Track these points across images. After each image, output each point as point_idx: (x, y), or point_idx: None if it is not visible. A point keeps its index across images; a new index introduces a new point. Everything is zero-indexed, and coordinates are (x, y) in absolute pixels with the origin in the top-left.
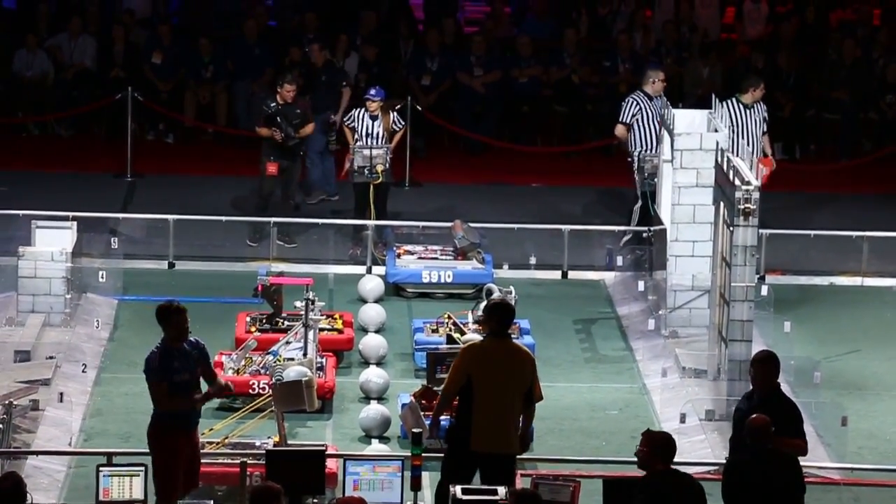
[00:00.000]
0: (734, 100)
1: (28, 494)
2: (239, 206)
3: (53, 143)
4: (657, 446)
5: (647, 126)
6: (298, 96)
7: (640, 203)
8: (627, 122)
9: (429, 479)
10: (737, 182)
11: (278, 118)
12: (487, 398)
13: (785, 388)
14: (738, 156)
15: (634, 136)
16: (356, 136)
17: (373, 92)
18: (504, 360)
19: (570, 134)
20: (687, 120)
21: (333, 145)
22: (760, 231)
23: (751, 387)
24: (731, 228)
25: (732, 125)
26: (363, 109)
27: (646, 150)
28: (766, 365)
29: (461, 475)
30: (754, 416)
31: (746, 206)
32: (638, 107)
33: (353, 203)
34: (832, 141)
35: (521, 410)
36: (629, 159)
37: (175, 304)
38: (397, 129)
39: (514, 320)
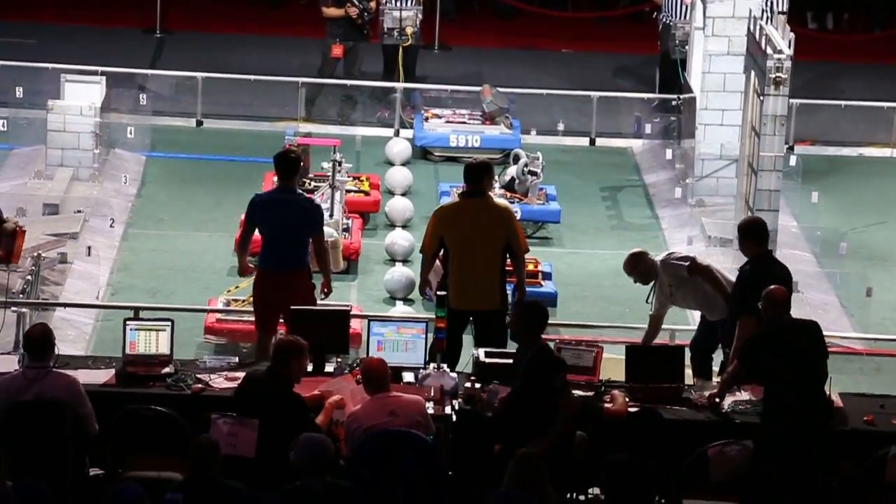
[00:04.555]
0: None
1: (55, 345)
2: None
3: None
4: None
5: None
6: None
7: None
8: None
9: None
10: (768, 51)
11: None
12: (460, 257)
13: (810, 258)
14: None
15: None
16: None
17: None
18: (476, 218)
19: (601, 0)
20: None
21: None
22: (790, 101)
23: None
24: (762, 97)
25: None
26: None
27: (669, 15)
28: (742, 232)
29: (450, 332)
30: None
31: (777, 75)
32: None
33: (382, 64)
34: (866, 10)
35: (501, 266)
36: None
37: None
38: None
39: (541, 186)
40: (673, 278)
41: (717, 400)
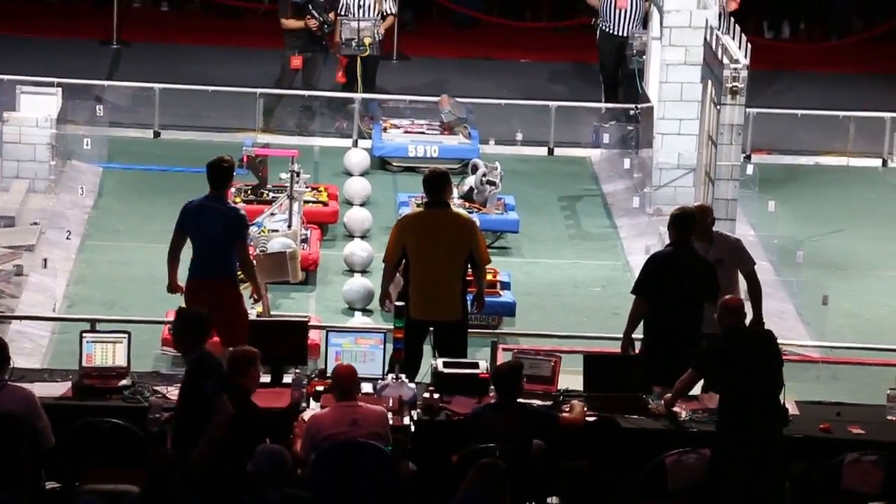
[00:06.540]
0: None
1: (10, 358)
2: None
3: (40, 8)
4: None
5: None
6: None
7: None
8: None
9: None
10: (725, 60)
11: (310, 6)
12: (421, 267)
13: (767, 266)
14: None
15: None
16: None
17: None
18: (439, 228)
19: (559, 9)
20: None
21: None
22: (747, 110)
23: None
24: (718, 107)
25: None
26: None
27: (607, 23)
28: (670, 217)
29: (410, 343)
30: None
31: (734, 84)
32: None
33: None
34: (823, 19)
35: (463, 277)
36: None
37: None
38: (389, 13)
39: (499, 196)
40: (730, 257)
41: (671, 407)
